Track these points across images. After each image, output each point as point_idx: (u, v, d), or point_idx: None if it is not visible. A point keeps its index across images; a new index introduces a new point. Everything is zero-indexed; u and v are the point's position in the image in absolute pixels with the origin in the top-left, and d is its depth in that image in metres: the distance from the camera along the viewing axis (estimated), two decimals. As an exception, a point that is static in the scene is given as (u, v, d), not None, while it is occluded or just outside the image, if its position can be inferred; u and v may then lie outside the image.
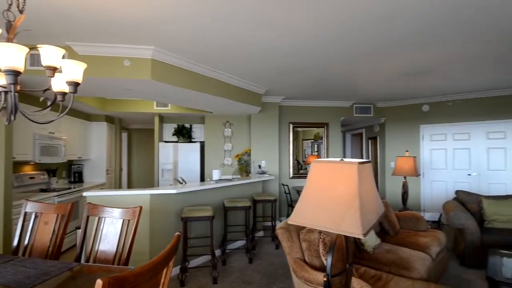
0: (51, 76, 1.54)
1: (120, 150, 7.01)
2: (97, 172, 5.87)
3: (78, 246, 2.07)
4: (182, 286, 3.13)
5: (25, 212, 2.20)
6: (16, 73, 1.31)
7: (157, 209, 3.35)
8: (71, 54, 3.06)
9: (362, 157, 8.23)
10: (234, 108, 5.34)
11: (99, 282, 0.77)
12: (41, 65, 1.51)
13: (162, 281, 1.09)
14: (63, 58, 1.58)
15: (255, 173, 5.68)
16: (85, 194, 3.18)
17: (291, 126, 6.29)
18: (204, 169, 6.31)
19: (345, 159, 1.18)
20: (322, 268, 1.99)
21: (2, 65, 1.28)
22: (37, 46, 1.49)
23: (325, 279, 1.23)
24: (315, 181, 1.19)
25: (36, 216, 2.18)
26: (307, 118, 6.36)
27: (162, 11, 2.39)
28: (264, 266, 3.68)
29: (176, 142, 6.41)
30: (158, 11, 2.39)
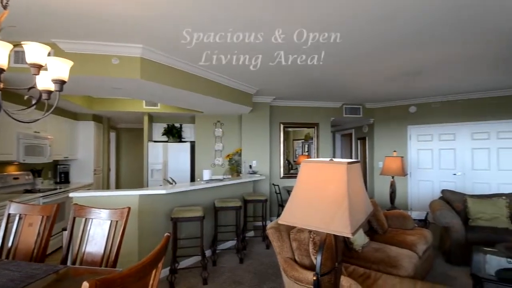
0: (36, 74, 1.50)
1: (108, 150, 6.88)
2: (84, 173, 5.75)
3: (64, 248, 2.02)
4: (172, 288, 3.10)
5: (9, 214, 2.13)
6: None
7: (146, 210, 3.30)
8: (57, 52, 2.99)
9: (352, 157, 8.34)
10: (225, 108, 5.32)
11: (86, 285, 0.75)
12: (26, 63, 1.47)
13: (151, 283, 1.07)
14: (49, 56, 1.55)
15: (246, 173, 5.68)
16: (72, 195, 3.11)
17: (282, 126, 6.31)
18: (195, 169, 6.27)
19: (335, 159, 1.20)
20: (312, 267, 2.01)
21: (-16, 62, 1.24)
22: (22, 43, 1.44)
23: (315, 278, 1.24)
24: (305, 181, 1.20)
25: (20, 218, 2.12)
26: (298, 118, 6.39)
27: (151, 9, 2.36)
28: (255, 266, 3.68)
29: (166, 142, 6.34)
30: (147, 9, 2.36)
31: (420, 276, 2.83)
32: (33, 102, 1.65)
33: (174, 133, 6.46)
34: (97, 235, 2.00)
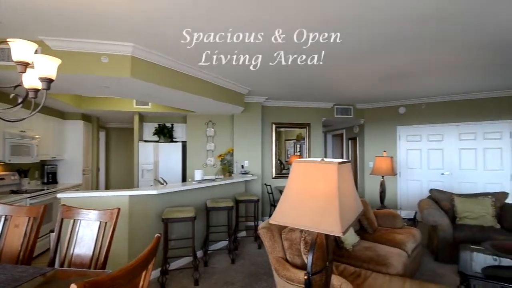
0: (23, 72, 1.47)
1: (98, 150, 6.76)
2: (73, 173, 5.64)
3: (52, 250, 1.98)
4: (163, 289, 3.07)
5: (-7, 215, 2.07)
6: (-17, 68, 1.24)
7: (137, 211, 3.26)
8: (45, 49, 2.92)
9: (343, 157, 8.42)
10: (217, 108, 5.30)
11: (74, 287, 0.74)
12: (12, 60, 1.43)
13: (141, 284, 1.06)
14: (36, 53, 1.51)
15: (238, 173, 5.67)
16: (59, 196, 3.05)
17: (274, 127, 6.33)
18: (186, 169, 6.23)
19: (326, 159, 1.21)
20: (303, 267, 2.02)
21: (-33, 59, 1.20)
22: (7, 40, 1.41)
23: (306, 277, 1.25)
24: (296, 181, 1.21)
25: (6, 219, 2.06)
26: (290, 119, 6.42)
27: (142, 6, 2.33)
28: (247, 266, 3.68)
29: (157, 142, 6.28)
30: (137, 6, 2.33)
31: (409, 274, 2.87)
32: (20, 101, 1.61)
33: (166, 133, 6.40)
34: (86, 237, 1.96)
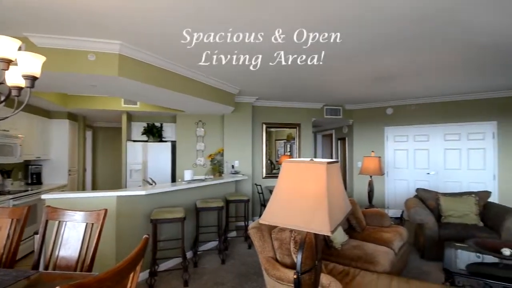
0: (5, 69, 1.43)
1: (84, 150, 6.62)
2: (58, 173, 5.49)
3: (36, 253, 1.92)
4: (151, 290, 3.03)
5: (-26, 218, 2.00)
6: (-37, 65, 1.19)
7: (125, 212, 3.21)
8: (29, 46, 2.83)
9: (332, 157, 8.51)
10: (207, 108, 5.27)
11: (58, 290, 0.72)
12: (-7, 57, 1.38)
13: (129, 286, 1.05)
14: (19, 50, 1.47)
15: (228, 173, 5.66)
16: (44, 197, 2.96)
17: (265, 127, 6.34)
18: (176, 170, 6.16)
19: (315, 159, 1.22)
20: (293, 266, 2.03)
21: None
22: (-12, 36, 1.36)
23: (295, 276, 1.26)
24: (286, 181, 1.21)
25: (-13, 222, 1.99)
26: (280, 119, 6.45)
27: (130, 3, 2.29)
28: (237, 266, 3.67)
29: (146, 142, 6.19)
30: (126, 3, 2.29)
31: (396, 272, 2.93)
32: (2, 99, 1.55)
33: (155, 133, 6.32)
34: (72, 239, 1.92)
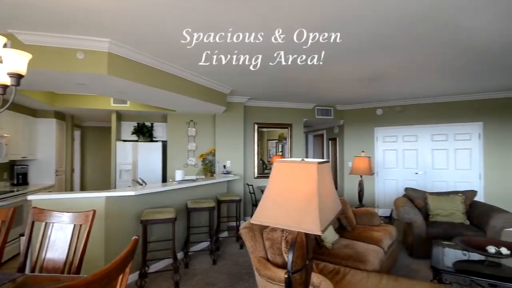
0: (-11, 67, 1.38)
1: (72, 150, 6.49)
2: (45, 174, 5.37)
3: (22, 255, 1.87)
4: (141, 292, 2.99)
5: (-44, 220, 1.94)
6: None
7: (114, 213, 3.16)
8: (15, 43, 2.76)
9: (323, 157, 8.58)
10: (199, 107, 5.24)
11: (44, 294, 0.71)
12: (-24, 54, 1.34)
13: (118, 288, 1.03)
14: (5, 47, 1.43)
15: (220, 173, 5.63)
16: (30, 198, 2.89)
17: (256, 127, 6.34)
18: (167, 170, 6.11)
19: (306, 159, 1.22)
20: (284, 266, 2.04)
21: None
22: (-29, 32, 1.32)
23: (286, 276, 1.26)
24: (277, 181, 1.21)
25: (-30, 224, 1.93)
26: (272, 119, 6.46)
27: (120, 1, 2.26)
28: (228, 267, 3.66)
29: (136, 141, 6.11)
30: (115, 0, 2.26)
31: (386, 270, 2.98)
32: (-15, 97, 1.51)
33: (145, 132, 6.25)
34: (59, 240, 1.88)
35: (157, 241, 3.49)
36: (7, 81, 1.55)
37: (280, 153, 6.62)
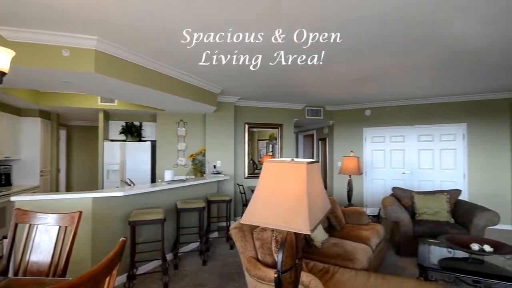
0: (-31, 63, 1.33)
1: (58, 149, 6.33)
2: (29, 174, 5.22)
3: (5, 258, 1.82)
4: (129, 294, 2.95)
5: None
6: None
7: (101, 214, 3.10)
8: (-3, 40, 2.68)
9: (313, 157, 8.65)
10: (188, 107, 5.20)
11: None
12: (-45, 50, 1.29)
13: (105, 291, 1.01)
14: (-15, 43, 1.38)
15: (210, 173, 5.60)
16: (14, 199, 2.80)
17: (247, 127, 6.34)
18: (156, 170, 6.03)
19: (296, 159, 1.23)
20: (274, 265, 2.05)
21: None
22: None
23: (276, 275, 1.27)
24: (267, 181, 1.22)
25: None
26: (262, 119, 6.47)
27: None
28: (218, 267, 3.65)
29: (124, 141, 6.01)
30: None
31: (374, 268, 3.02)
32: (-35, 95, 1.46)
33: (133, 132, 6.15)
34: (44, 243, 1.83)
35: (146, 242, 3.44)
36: (-11, 79, 1.50)
37: (271, 153, 6.64)
